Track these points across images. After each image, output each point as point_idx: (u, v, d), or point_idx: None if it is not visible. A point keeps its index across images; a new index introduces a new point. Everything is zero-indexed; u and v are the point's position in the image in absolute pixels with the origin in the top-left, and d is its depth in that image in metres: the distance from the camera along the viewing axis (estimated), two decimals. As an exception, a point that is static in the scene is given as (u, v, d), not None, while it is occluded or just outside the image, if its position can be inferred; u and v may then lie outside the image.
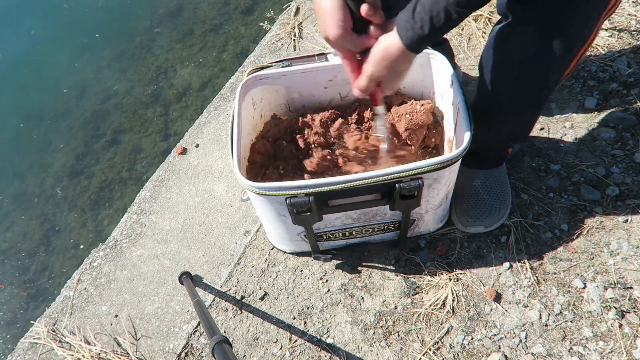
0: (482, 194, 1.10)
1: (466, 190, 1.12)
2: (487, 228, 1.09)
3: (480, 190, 1.11)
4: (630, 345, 0.92)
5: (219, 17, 2.23)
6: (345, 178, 0.83)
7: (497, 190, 1.11)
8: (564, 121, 1.27)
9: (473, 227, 1.09)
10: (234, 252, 1.17)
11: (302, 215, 0.90)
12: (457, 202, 1.12)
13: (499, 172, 1.13)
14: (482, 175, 1.12)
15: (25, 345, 1.10)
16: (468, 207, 1.10)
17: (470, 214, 1.09)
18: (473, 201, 1.10)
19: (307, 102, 1.15)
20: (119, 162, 1.80)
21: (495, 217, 1.09)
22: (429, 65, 1.05)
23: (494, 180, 1.12)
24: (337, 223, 0.99)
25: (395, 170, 0.83)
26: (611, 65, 1.34)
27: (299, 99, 1.14)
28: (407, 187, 0.85)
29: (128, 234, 1.25)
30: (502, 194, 1.11)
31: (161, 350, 1.04)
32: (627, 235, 1.05)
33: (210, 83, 1.99)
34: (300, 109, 1.16)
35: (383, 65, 0.76)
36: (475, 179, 1.12)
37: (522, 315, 0.99)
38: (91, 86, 2.06)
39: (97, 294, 1.16)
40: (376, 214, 0.98)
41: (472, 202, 1.10)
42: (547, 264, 1.04)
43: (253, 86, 1.05)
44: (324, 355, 0.99)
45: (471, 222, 1.09)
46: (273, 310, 1.07)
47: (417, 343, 0.98)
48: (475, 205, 1.10)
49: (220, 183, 1.32)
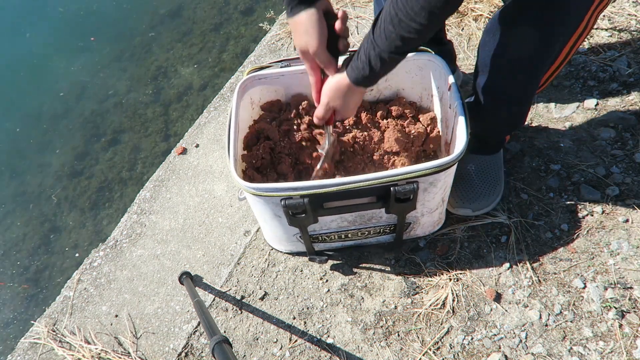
0: (475, 179, 1.11)
1: (459, 173, 1.12)
2: (474, 211, 1.10)
3: (473, 175, 1.12)
4: (630, 345, 0.92)
5: (219, 17, 2.23)
6: (340, 180, 0.83)
7: (490, 177, 1.12)
8: (564, 121, 1.27)
9: (461, 209, 1.10)
10: (234, 252, 1.17)
11: (297, 217, 0.90)
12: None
13: (494, 160, 1.14)
14: (477, 160, 1.13)
15: (25, 345, 1.10)
16: (458, 190, 1.11)
17: (460, 196, 1.11)
18: (464, 184, 1.12)
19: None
20: (118, 162, 1.80)
21: (484, 202, 1.10)
22: (428, 68, 1.05)
23: (488, 166, 1.13)
24: (332, 225, 0.99)
25: (391, 174, 0.83)
26: (611, 65, 1.34)
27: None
28: (403, 190, 0.85)
29: (128, 234, 1.26)
30: (495, 181, 1.12)
31: (161, 350, 1.04)
32: (627, 235, 1.05)
33: (210, 83, 1.99)
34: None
35: (337, 96, 0.86)
36: (469, 163, 1.14)
37: (522, 315, 0.99)
38: (91, 86, 2.07)
39: (97, 294, 1.16)
40: (372, 217, 0.98)
41: (464, 185, 1.11)
42: (547, 264, 1.04)
43: (251, 86, 1.05)
44: (324, 355, 0.99)
45: (460, 204, 1.10)
46: (273, 310, 1.07)
47: (417, 343, 0.98)
48: (466, 189, 1.11)
49: (220, 183, 1.32)
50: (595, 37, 1.42)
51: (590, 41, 1.41)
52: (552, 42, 0.83)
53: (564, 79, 1.35)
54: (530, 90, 0.96)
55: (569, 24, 0.81)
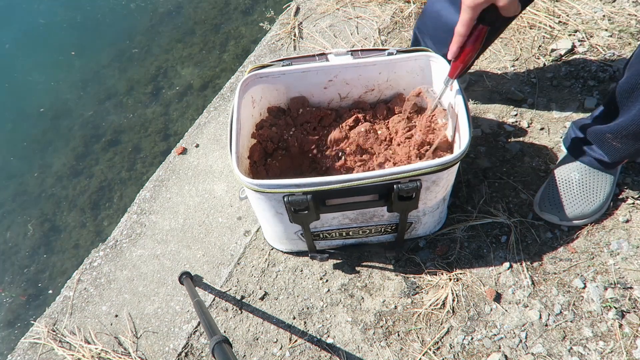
0: (575, 189, 1.06)
1: (559, 177, 1.08)
2: (561, 221, 1.07)
3: (574, 184, 1.06)
4: (630, 345, 0.92)
5: (219, 17, 2.23)
6: (343, 177, 0.83)
7: (593, 192, 1.06)
8: (564, 121, 1.27)
9: (548, 214, 1.07)
10: (234, 252, 1.17)
11: (299, 213, 0.90)
12: (546, 185, 1.10)
13: (604, 177, 1.07)
14: (585, 172, 1.07)
15: (25, 345, 1.10)
16: (552, 195, 1.07)
17: (550, 201, 1.07)
18: (561, 191, 1.07)
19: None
20: (118, 162, 1.80)
21: (574, 214, 1.05)
22: (429, 67, 1.05)
23: (594, 182, 1.06)
24: (334, 223, 0.99)
25: (393, 171, 0.83)
26: (611, 65, 1.34)
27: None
28: (405, 188, 0.84)
29: (128, 234, 1.26)
30: (595, 199, 1.05)
31: (161, 350, 1.04)
32: (627, 235, 1.05)
33: (210, 83, 1.99)
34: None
35: None
36: (574, 171, 1.08)
37: (522, 315, 0.99)
38: (91, 86, 2.07)
39: (97, 294, 1.16)
40: (374, 215, 0.98)
41: (560, 192, 1.07)
42: (547, 264, 1.04)
43: (253, 84, 1.05)
44: (324, 355, 0.99)
45: (547, 209, 1.07)
46: (273, 310, 1.07)
47: (417, 343, 0.98)
48: (560, 196, 1.06)
49: (220, 183, 1.32)
50: (595, 37, 1.42)
51: (591, 41, 1.41)
52: None
53: (564, 79, 1.35)
54: None
55: None
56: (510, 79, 1.39)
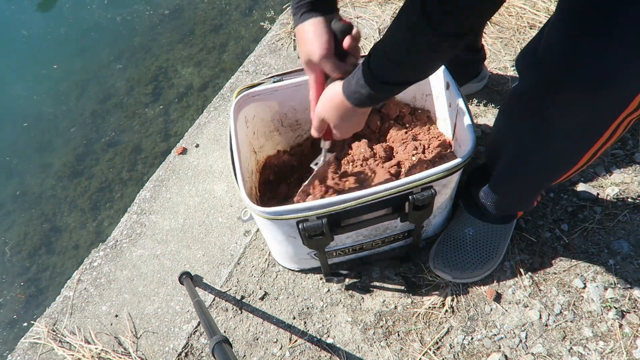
0: (468, 246, 1.02)
1: (453, 233, 1.04)
2: (453, 279, 1.02)
3: (467, 241, 1.02)
4: (630, 345, 0.92)
5: (219, 17, 2.23)
6: (357, 194, 0.80)
7: (486, 249, 1.02)
8: (564, 121, 1.27)
9: (440, 271, 1.02)
10: (234, 252, 1.17)
11: (314, 239, 0.86)
12: (441, 239, 1.05)
13: (499, 232, 1.02)
14: (479, 226, 1.03)
15: (25, 345, 1.10)
16: (446, 252, 1.03)
17: (444, 258, 1.02)
18: (455, 248, 1.02)
19: (301, 116, 1.13)
20: (119, 163, 1.80)
21: (467, 274, 1.01)
22: None
23: (488, 237, 1.02)
24: (347, 242, 0.98)
25: (406, 182, 0.81)
26: (611, 65, 1.34)
27: (293, 113, 1.12)
28: (420, 197, 0.82)
29: (128, 234, 1.26)
30: (489, 256, 1.02)
31: (161, 350, 1.04)
32: (627, 235, 1.05)
33: (210, 83, 1.99)
34: (294, 124, 1.15)
35: (329, 108, 0.79)
36: (468, 226, 1.03)
37: (522, 315, 0.99)
38: (91, 86, 2.07)
39: (97, 294, 1.16)
40: (387, 228, 0.96)
41: (453, 249, 1.02)
42: (547, 263, 1.04)
43: (245, 104, 1.02)
44: (324, 355, 0.99)
45: (440, 267, 1.02)
46: (273, 310, 1.07)
47: (417, 343, 0.98)
48: (454, 254, 1.02)
49: (220, 183, 1.32)
50: (595, 37, 1.42)
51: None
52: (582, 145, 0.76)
53: (564, 79, 1.35)
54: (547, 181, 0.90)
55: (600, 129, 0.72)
56: (510, 79, 1.39)
